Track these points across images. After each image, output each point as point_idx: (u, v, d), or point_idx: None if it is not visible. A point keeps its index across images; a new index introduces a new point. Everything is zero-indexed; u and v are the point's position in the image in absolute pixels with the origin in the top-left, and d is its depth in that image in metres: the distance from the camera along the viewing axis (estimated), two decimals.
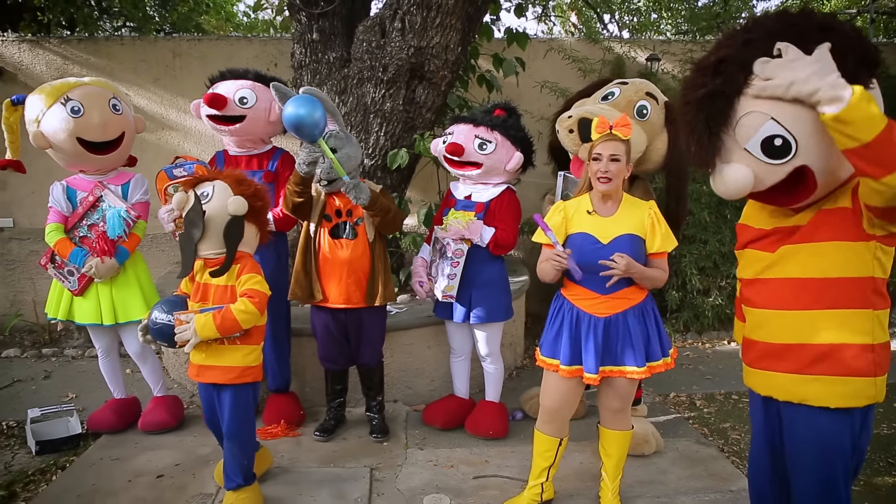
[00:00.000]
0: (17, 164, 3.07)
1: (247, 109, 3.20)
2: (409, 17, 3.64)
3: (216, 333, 2.31)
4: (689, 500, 2.68)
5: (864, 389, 1.69)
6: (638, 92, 2.96)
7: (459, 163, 3.05)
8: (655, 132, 2.93)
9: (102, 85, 3.12)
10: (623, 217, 2.35)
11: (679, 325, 4.98)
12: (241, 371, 2.42)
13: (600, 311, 2.36)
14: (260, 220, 2.50)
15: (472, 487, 2.77)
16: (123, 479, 2.83)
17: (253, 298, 2.33)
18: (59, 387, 4.07)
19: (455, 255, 2.97)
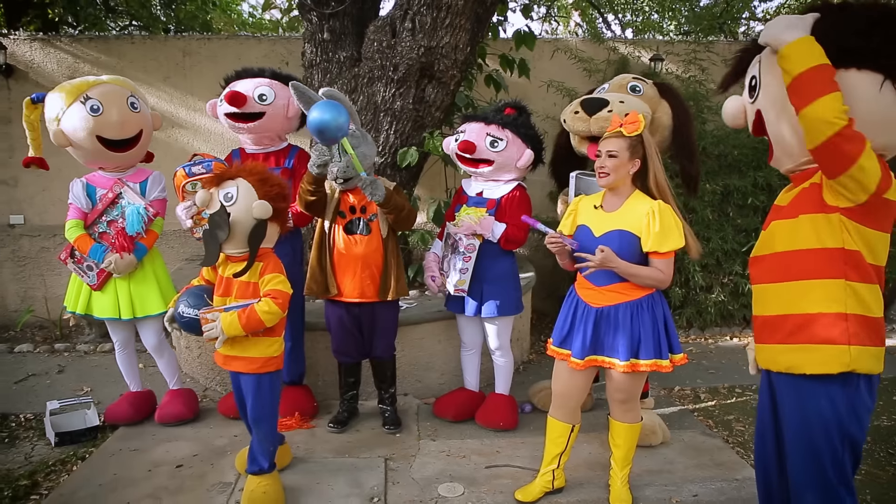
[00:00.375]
0: (40, 160, 3.12)
1: (266, 106, 3.26)
2: (420, 17, 3.72)
3: (242, 332, 2.38)
4: (697, 488, 2.75)
5: (837, 356, 1.76)
6: (625, 78, 3.19)
7: (472, 160, 3.12)
8: (655, 103, 3.06)
9: (121, 83, 3.18)
10: (624, 213, 2.39)
11: (682, 322, 5.06)
12: (264, 361, 2.49)
13: (594, 301, 2.43)
14: (282, 218, 2.56)
15: (485, 476, 2.85)
16: (143, 469, 2.90)
17: (276, 299, 2.39)
18: (73, 381, 4.14)
19: (467, 249, 3.04)
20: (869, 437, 3.31)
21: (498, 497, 2.68)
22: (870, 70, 1.69)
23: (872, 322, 1.77)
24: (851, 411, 1.80)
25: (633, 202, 2.40)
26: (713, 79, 5.42)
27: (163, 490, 2.72)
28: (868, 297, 1.77)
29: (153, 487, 2.74)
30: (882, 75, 1.69)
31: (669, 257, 2.35)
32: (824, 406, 1.80)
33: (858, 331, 1.76)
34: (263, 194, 2.43)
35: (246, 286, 2.48)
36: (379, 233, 3.07)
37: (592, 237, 2.41)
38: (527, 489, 2.67)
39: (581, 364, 2.44)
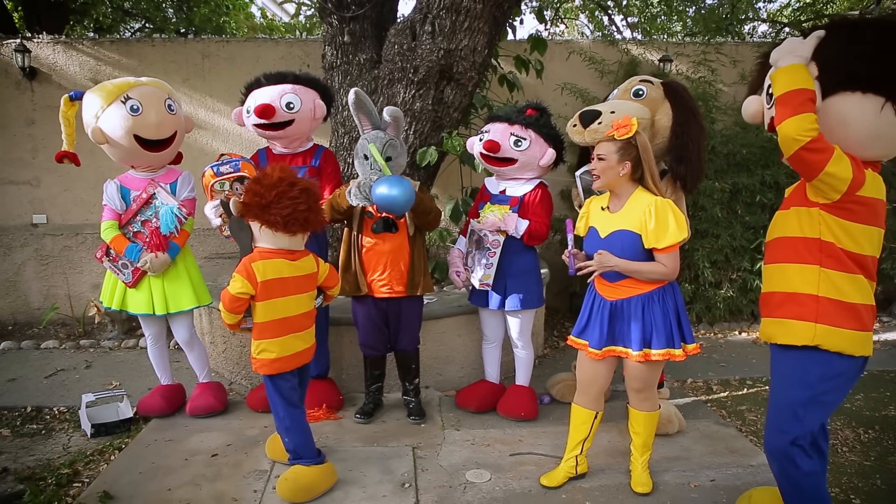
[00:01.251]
0: (73, 155, 3.20)
1: (294, 114, 3.33)
2: (439, 20, 3.82)
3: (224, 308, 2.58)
4: (714, 473, 2.86)
5: (802, 331, 2.03)
6: (632, 82, 3.28)
7: (496, 159, 3.23)
8: (657, 105, 3.14)
9: (158, 86, 3.28)
10: (626, 213, 2.50)
11: (692, 317, 5.17)
12: (251, 356, 2.68)
13: (609, 295, 2.57)
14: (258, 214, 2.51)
15: (510, 463, 2.96)
16: (180, 458, 3.01)
17: (221, 297, 2.56)
18: (101, 376, 4.25)
19: (492, 245, 3.16)
20: (877, 426, 3.43)
21: (524, 482, 2.79)
22: (873, 94, 1.86)
23: (847, 307, 1.98)
24: (816, 384, 2.03)
25: (635, 201, 2.50)
26: (722, 79, 5.54)
27: (201, 477, 2.83)
28: (844, 284, 1.98)
29: (191, 475, 2.85)
30: (884, 98, 1.86)
31: (672, 251, 2.43)
32: (791, 373, 2.08)
33: (829, 312, 1.98)
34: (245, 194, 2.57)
35: None
36: (406, 231, 3.18)
37: (598, 238, 2.56)
38: (551, 475, 2.78)
39: (599, 354, 2.57)
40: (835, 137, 1.93)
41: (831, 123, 1.93)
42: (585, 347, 2.61)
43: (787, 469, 2.10)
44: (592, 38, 5.96)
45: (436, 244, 4.62)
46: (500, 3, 3.94)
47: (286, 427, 2.69)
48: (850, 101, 1.88)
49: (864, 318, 2.00)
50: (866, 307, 2.01)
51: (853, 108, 1.88)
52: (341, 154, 4.27)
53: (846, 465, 3.04)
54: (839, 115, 1.91)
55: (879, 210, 1.98)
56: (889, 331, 5.25)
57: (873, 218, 1.97)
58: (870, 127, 1.90)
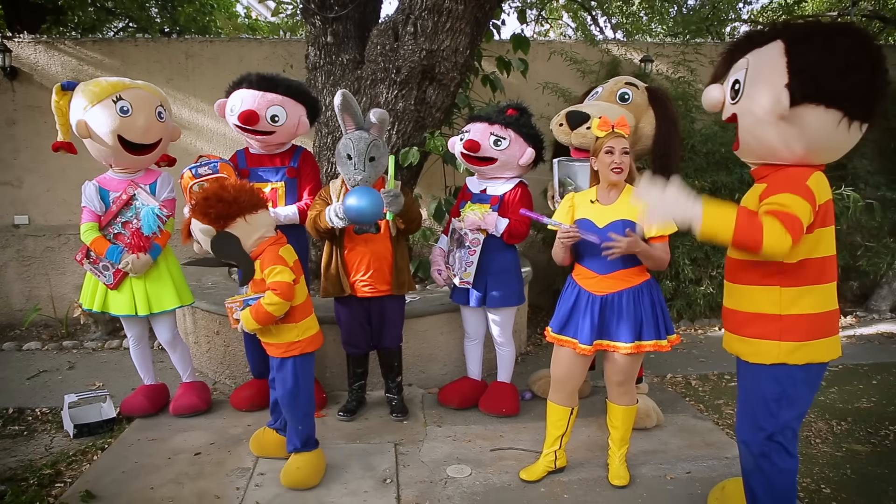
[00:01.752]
0: (68, 145, 3.20)
1: (277, 127, 3.35)
2: (422, 21, 3.86)
3: (257, 326, 2.56)
4: (690, 465, 2.93)
5: (769, 350, 2.09)
6: (618, 83, 3.32)
7: (476, 158, 3.27)
8: (641, 111, 3.22)
9: (152, 91, 3.29)
10: (621, 205, 2.57)
11: (673, 314, 5.24)
12: (286, 347, 2.66)
13: (598, 290, 2.59)
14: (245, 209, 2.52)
15: (491, 458, 3.00)
16: (163, 457, 3.02)
17: (276, 290, 2.51)
18: (84, 376, 4.24)
19: (472, 244, 3.20)
20: (850, 418, 3.52)
21: (504, 477, 2.83)
22: (835, 109, 1.91)
23: (809, 319, 2.04)
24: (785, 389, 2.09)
25: (628, 194, 2.58)
26: (702, 79, 5.61)
27: (184, 476, 2.85)
28: (804, 298, 2.04)
29: (174, 473, 2.87)
30: (842, 113, 1.91)
31: (666, 241, 2.56)
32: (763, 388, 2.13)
33: (792, 329, 2.04)
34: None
35: (256, 283, 2.63)
36: (388, 232, 3.21)
37: (596, 228, 2.57)
38: (531, 469, 2.83)
39: (589, 350, 2.60)
40: (794, 144, 1.99)
41: (791, 130, 1.97)
42: (574, 344, 2.63)
43: (762, 465, 2.15)
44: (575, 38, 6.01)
45: (419, 243, 4.66)
46: (482, 4, 3.98)
47: (305, 413, 2.75)
48: (814, 114, 1.92)
49: (826, 326, 2.06)
50: (828, 314, 2.07)
51: (815, 120, 1.93)
52: (325, 154, 4.30)
53: (818, 455, 3.11)
54: (800, 123, 1.95)
55: (828, 210, 2.02)
56: (865, 325, 5.36)
57: (822, 221, 2.01)
58: (826, 138, 1.96)
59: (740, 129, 2.15)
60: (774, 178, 2.04)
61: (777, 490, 2.14)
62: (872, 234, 5.52)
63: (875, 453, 3.13)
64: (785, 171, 2.03)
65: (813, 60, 1.89)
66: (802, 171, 2.00)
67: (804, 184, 1.95)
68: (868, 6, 8.07)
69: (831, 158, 2.08)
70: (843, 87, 1.87)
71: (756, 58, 2.05)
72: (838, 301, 2.13)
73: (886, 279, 5.66)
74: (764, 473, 2.16)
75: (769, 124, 1.99)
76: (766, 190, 2.03)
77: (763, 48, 2.03)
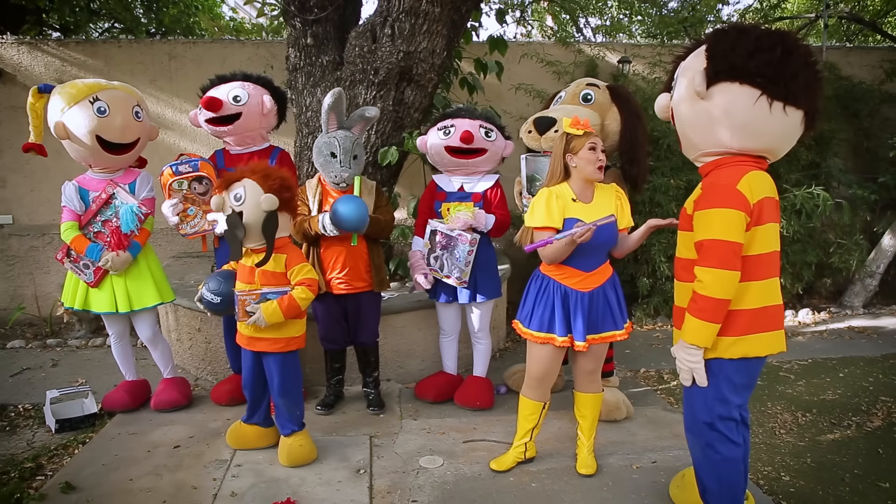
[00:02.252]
0: (39, 147, 3.24)
1: (241, 107, 3.45)
2: (399, 23, 3.94)
3: (283, 318, 2.70)
4: (656, 455, 3.02)
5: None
6: (579, 85, 3.44)
7: (464, 151, 3.35)
8: (605, 109, 3.34)
9: (129, 91, 3.35)
10: (600, 202, 2.67)
11: (650, 310, 5.35)
12: (288, 341, 2.81)
13: (585, 287, 2.67)
14: (290, 206, 2.80)
15: (463, 450, 3.09)
16: (143, 450, 3.09)
17: (311, 287, 2.74)
18: (67, 374, 4.29)
19: (471, 243, 3.25)
20: (815, 409, 3.63)
21: (475, 467, 2.92)
22: (749, 85, 2.02)
23: (745, 315, 2.11)
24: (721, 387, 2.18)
25: (600, 190, 2.70)
26: None
27: (162, 468, 2.92)
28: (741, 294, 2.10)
29: (153, 465, 2.94)
30: (759, 91, 2.01)
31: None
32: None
33: (729, 325, 2.11)
34: (268, 188, 2.66)
35: (271, 275, 2.74)
36: None
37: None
38: (501, 459, 2.91)
39: (584, 346, 2.68)
40: (718, 127, 2.09)
41: (713, 111, 2.08)
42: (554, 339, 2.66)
43: (707, 454, 2.24)
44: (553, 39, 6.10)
45: (399, 242, 4.74)
46: (458, 7, 4.07)
47: (299, 399, 2.92)
48: (730, 90, 2.04)
49: (765, 321, 2.13)
50: (768, 309, 2.13)
51: (731, 97, 2.04)
52: (305, 154, 4.36)
53: (781, 445, 3.22)
54: (721, 103, 2.06)
55: (764, 208, 2.08)
56: (837, 321, 5.48)
57: (758, 220, 2.08)
58: (747, 118, 2.04)
59: (676, 123, 2.28)
60: (708, 183, 2.14)
61: (723, 477, 2.23)
62: (845, 231, 5.65)
63: (836, 442, 3.24)
64: (718, 174, 2.12)
65: (726, 45, 2.04)
66: (734, 172, 2.08)
67: (733, 188, 2.04)
68: (845, 8, 8.22)
69: (764, 146, 2.12)
70: (753, 64, 1.99)
71: (687, 60, 2.20)
72: (814, 297, 2.24)
73: (859, 276, 5.78)
74: (710, 462, 2.24)
75: (690, 104, 2.13)
76: (699, 199, 2.14)
77: (695, 52, 2.18)
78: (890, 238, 5.71)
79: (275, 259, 2.72)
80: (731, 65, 2.01)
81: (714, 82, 2.05)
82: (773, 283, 2.15)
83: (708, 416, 2.20)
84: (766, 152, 2.16)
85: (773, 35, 2.02)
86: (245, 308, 2.70)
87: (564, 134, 2.64)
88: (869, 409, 3.64)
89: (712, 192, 2.08)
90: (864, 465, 3.01)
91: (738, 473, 2.23)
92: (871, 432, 3.35)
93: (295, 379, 2.89)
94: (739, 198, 2.03)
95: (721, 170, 2.13)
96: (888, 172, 5.83)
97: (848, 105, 6.06)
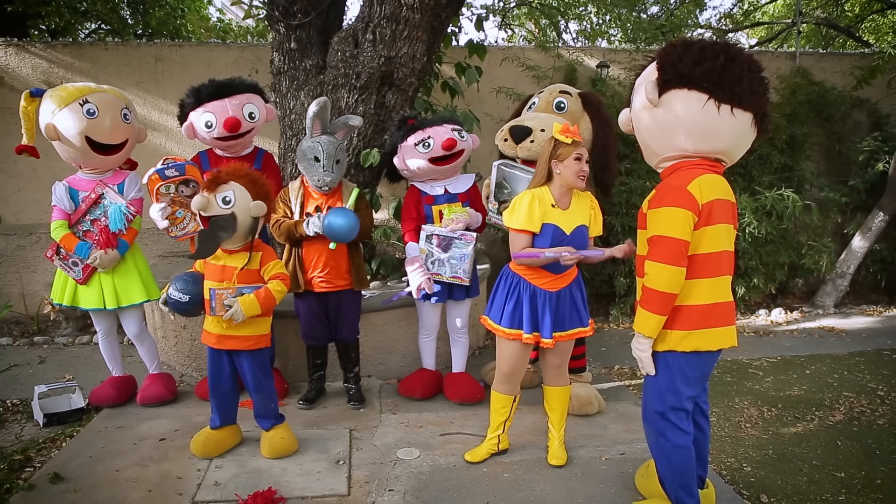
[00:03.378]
0: (31, 149, 3.34)
1: (255, 123, 3.61)
2: (380, 29, 4.05)
3: (260, 311, 2.82)
4: (625, 447, 3.14)
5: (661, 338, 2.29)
6: (552, 93, 3.57)
7: (448, 157, 3.46)
8: (577, 118, 3.49)
9: (117, 94, 3.44)
10: (576, 209, 2.79)
11: (627, 309, 5.49)
12: (258, 339, 2.92)
13: (554, 287, 2.81)
14: (269, 211, 2.94)
15: (439, 442, 3.20)
16: (129, 443, 3.18)
17: (284, 280, 2.89)
18: (54, 370, 4.37)
19: (469, 240, 3.38)
20: (780, 405, 3.77)
21: (450, 459, 3.03)
22: (696, 90, 2.16)
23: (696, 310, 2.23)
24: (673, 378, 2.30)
25: (576, 198, 2.80)
26: None
27: (148, 459, 3.01)
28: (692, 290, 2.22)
29: (139, 457, 3.03)
30: (706, 95, 2.15)
31: None
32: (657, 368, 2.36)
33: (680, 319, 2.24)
34: (256, 195, 2.79)
35: (246, 272, 2.85)
36: None
37: (564, 234, 2.74)
38: (475, 451, 3.03)
39: (551, 343, 2.81)
40: (672, 131, 2.23)
41: (668, 117, 2.22)
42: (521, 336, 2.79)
43: (660, 442, 2.37)
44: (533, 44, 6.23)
45: (381, 242, 4.84)
46: (438, 13, 4.19)
47: (272, 393, 3.05)
48: (679, 96, 2.18)
49: (716, 316, 2.25)
50: (719, 305, 2.25)
51: (683, 103, 2.18)
52: (290, 156, 4.46)
53: (745, 438, 3.36)
54: (672, 108, 2.20)
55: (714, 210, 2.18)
56: (809, 320, 5.65)
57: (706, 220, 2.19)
58: (699, 121, 2.17)
59: (636, 133, 2.41)
60: (662, 185, 2.28)
61: (674, 463, 2.35)
62: (817, 233, 5.82)
63: (797, 435, 3.39)
64: (672, 177, 2.26)
65: (673, 56, 2.19)
66: (687, 174, 2.21)
67: (683, 189, 2.17)
68: (821, 14, 8.41)
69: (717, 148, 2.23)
70: (698, 71, 2.14)
71: (642, 75, 2.36)
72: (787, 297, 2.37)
73: (830, 276, 5.96)
74: (662, 450, 2.37)
75: (646, 113, 2.27)
76: (653, 198, 2.28)
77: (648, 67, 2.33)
78: (860, 239, 5.88)
79: (252, 257, 2.85)
80: (679, 73, 2.16)
81: (665, 90, 2.19)
82: (724, 280, 2.27)
83: (661, 406, 2.33)
84: (721, 154, 2.27)
85: (716, 45, 2.17)
86: (223, 301, 2.80)
87: (553, 139, 2.73)
88: (832, 403, 3.80)
89: (664, 193, 2.22)
90: (822, 456, 3.16)
91: (688, 460, 2.35)
92: (832, 426, 3.50)
93: (266, 374, 3.02)
94: (688, 198, 2.16)
95: (676, 173, 2.26)
96: (858, 175, 6.00)
97: (820, 110, 6.23)
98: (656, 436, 2.37)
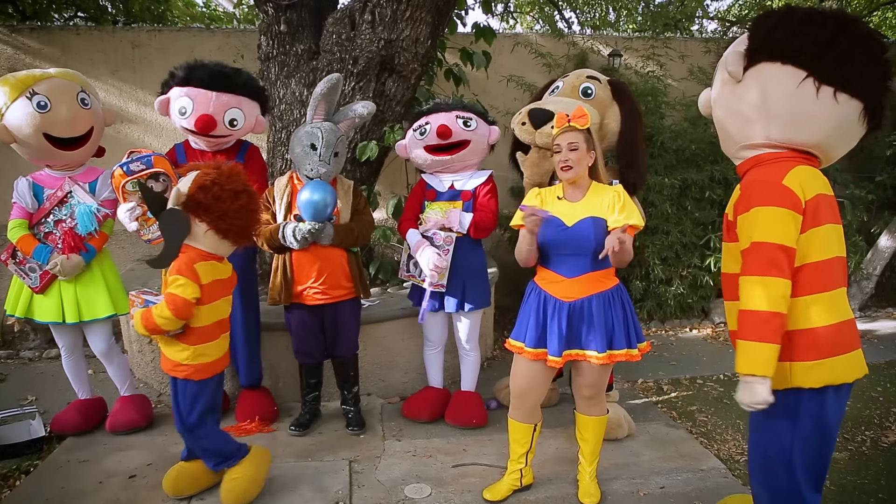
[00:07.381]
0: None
1: (233, 131, 3.14)
2: (380, 9, 3.65)
3: (145, 332, 2.35)
4: (663, 479, 2.76)
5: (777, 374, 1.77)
6: (579, 77, 3.15)
7: (446, 148, 3.06)
8: (605, 107, 3.08)
9: (70, 77, 3.01)
10: (588, 202, 2.41)
11: (643, 315, 5.11)
12: (174, 365, 2.44)
13: (565, 295, 2.40)
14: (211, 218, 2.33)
15: (452, 476, 2.80)
16: (94, 481, 2.76)
17: (170, 305, 2.27)
18: (16, 390, 3.92)
19: (445, 242, 2.99)
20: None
21: (466, 497, 2.63)
22: (792, 65, 1.75)
23: (819, 333, 1.76)
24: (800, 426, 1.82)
25: (596, 191, 2.43)
26: (671, 74, 5.50)
27: (114, 503, 2.59)
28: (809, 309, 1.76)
29: (104, 500, 2.62)
30: (804, 72, 1.74)
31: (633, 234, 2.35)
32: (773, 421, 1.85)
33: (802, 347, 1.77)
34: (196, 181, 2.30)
35: (165, 281, 2.41)
36: None
37: (564, 226, 2.39)
38: (495, 488, 2.63)
39: (559, 362, 2.40)
40: (757, 113, 1.84)
41: (753, 96, 1.83)
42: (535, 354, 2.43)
43: None
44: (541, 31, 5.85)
45: (380, 244, 4.45)
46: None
47: (201, 436, 2.51)
48: (770, 70, 1.79)
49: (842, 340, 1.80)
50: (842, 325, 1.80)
51: (771, 78, 1.79)
52: (279, 150, 4.05)
53: None
54: (759, 84, 1.81)
55: (820, 206, 1.78)
56: None
57: (813, 220, 1.77)
58: (787, 101, 1.78)
59: (715, 122, 2.02)
60: (748, 182, 1.86)
61: None
62: (845, 232, 5.47)
63: (853, 462, 3.01)
64: (759, 171, 1.85)
65: (769, 23, 1.80)
66: (778, 167, 1.80)
67: (779, 184, 1.75)
68: (833, 5, 8.10)
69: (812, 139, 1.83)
70: (797, 43, 1.73)
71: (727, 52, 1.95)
72: None
73: (855, 278, 5.61)
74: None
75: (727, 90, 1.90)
76: (739, 200, 1.86)
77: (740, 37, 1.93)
78: (887, 239, 5.54)
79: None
80: (773, 42, 1.75)
81: (753, 63, 1.78)
82: (841, 293, 1.82)
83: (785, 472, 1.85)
84: (814, 148, 1.86)
85: (825, 12, 1.76)
86: (132, 309, 2.42)
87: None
88: (882, 422, 3.43)
89: (753, 190, 1.80)
90: (888, 488, 2.78)
91: None
92: (888, 448, 3.14)
93: (187, 412, 2.46)
94: (787, 194, 1.74)
95: (761, 166, 1.85)
96: (885, 171, 5.66)
97: None
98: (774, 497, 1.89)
